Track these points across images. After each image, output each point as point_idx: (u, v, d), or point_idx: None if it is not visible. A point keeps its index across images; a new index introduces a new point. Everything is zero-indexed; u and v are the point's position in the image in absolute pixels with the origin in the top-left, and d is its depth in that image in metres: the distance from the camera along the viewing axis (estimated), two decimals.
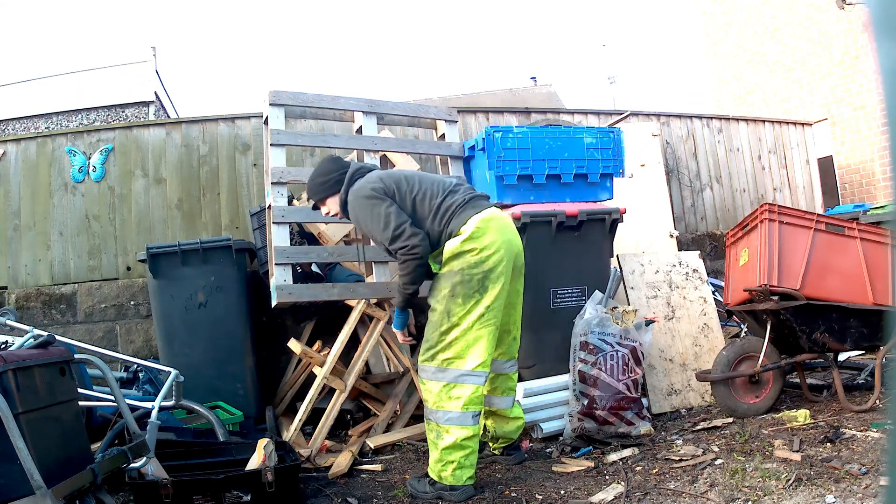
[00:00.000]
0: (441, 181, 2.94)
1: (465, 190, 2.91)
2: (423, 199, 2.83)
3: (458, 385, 2.70)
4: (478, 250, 2.71)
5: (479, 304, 2.70)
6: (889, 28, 0.65)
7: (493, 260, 2.72)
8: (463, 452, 2.69)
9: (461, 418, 2.69)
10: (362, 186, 2.85)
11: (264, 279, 4.20)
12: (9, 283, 4.70)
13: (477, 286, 2.70)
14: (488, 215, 2.79)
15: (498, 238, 2.75)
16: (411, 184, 2.86)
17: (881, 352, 3.50)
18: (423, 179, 2.91)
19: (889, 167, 0.85)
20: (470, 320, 2.70)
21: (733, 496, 2.46)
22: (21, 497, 1.87)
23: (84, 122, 11.27)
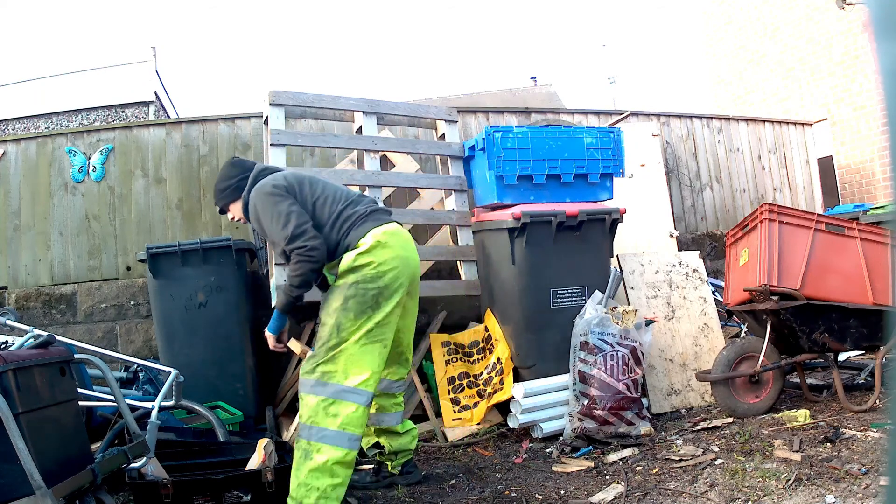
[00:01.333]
0: (345, 191, 2.83)
1: (368, 202, 2.80)
2: (324, 205, 2.70)
3: (337, 402, 2.45)
4: (375, 265, 2.58)
5: (371, 319, 2.55)
6: (889, 28, 0.65)
7: (389, 276, 2.60)
8: (331, 481, 2.40)
9: (336, 438, 2.43)
10: (264, 184, 2.70)
11: (264, 279, 4.20)
12: (9, 283, 4.69)
13: (371, 302, 2.56)
14: (388, 230, 2.68)
15: (396, 254, 2.64)
16: (314, 187, 2.75)
17: (881, 352, 3.50)
18: (327, 186, 2.80)
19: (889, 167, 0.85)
20: (358, 336, 2.53)
21: (733, 496, 2.46)
22: (21, 497, 1.87)
23: (84, 122, 11.27)
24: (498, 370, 3.76)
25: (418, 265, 2.80)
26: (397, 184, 4.38)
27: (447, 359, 4.01)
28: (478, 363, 4.00)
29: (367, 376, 2.51)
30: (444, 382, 3.90)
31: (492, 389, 3.73)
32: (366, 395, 2.50)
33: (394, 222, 2.77)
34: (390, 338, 2.65)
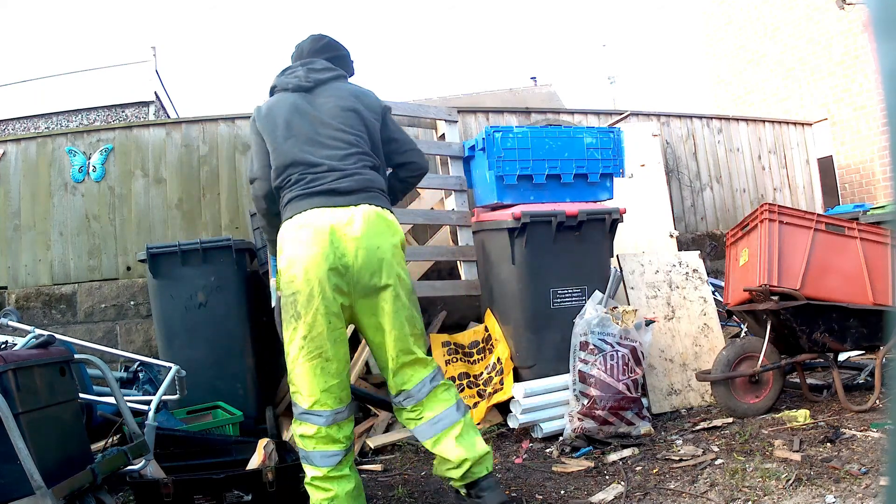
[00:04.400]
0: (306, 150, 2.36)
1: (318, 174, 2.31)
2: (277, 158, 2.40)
3: (302, 423, 2.28)
4: (287, 264, 2.27)
5: (296, 332, 2.25)
6: (889, 28, 0.65)
7: (300, 279, 2.22)
8: (323, 495, 2.26)
9: (310, 457, 2.27)
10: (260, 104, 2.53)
11: (264, 279, 4.20)
12: (9, 283, 4.70)
13: (292, 310, 2.26)
14: (305, 219, 2.26)
15: (305, 251, 2.21)
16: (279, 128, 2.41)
17: (881, 352, 3.50)
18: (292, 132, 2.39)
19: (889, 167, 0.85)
20: (294, 351, 2.27)
21: (733, 496, 2.46)
22: (21, 497, 1.87)
23: (84, 122, 11.28)
24: (498, 370, 3.76)
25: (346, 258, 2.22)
26: None
27: (447, 359, 4.01)
28: (478, 363, 4.00)
29: (315, 399, 2.23)
30: None
31: (492, 389, 3.73)
32: (322, 416, 2.24)
33: (322, 207, 2.26)
34: (332, 351, 2.24)
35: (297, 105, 2.44)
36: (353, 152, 2.37)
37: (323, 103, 2.45)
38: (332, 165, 2.32)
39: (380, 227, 2.29)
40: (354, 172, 2.33)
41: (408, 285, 2.37)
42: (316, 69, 2.53)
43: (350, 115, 2.43)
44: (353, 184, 2.31)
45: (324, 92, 2.49)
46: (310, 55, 2.62)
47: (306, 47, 2.65)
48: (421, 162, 2.67)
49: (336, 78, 2.55)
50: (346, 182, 2.30)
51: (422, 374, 2.38)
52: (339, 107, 2.44)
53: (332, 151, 2.35)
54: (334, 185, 2.29)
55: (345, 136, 2.39)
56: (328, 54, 2.63)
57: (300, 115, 2.42)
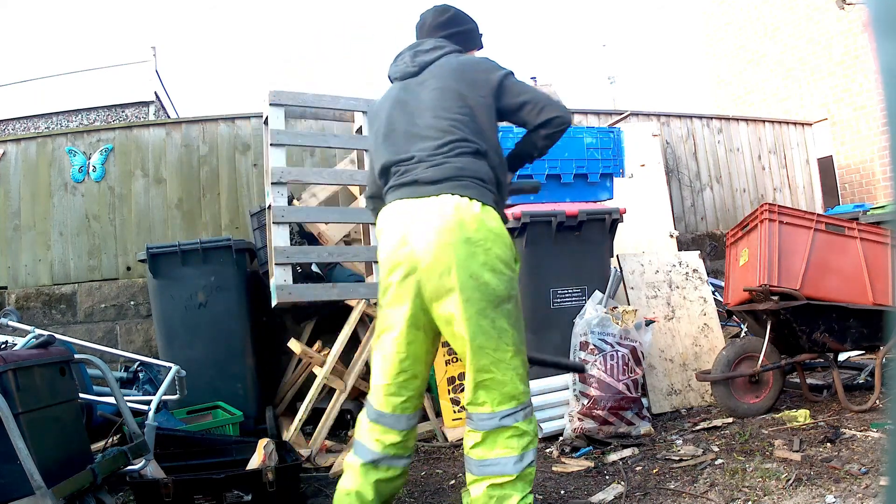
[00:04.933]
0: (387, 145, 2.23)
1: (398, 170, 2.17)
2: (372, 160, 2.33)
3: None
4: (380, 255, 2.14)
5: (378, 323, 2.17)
6: (889, 28, 0.65)
7: (382, 270, 2.12)
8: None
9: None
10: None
11: (264, 279, 4.20)
12: (9, 283, 4.70)
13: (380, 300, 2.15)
14: (386, 212, 2.16)
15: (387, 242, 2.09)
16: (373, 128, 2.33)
17: (881, 352, 3.50)
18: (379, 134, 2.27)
19: (889, 167, 0.85)
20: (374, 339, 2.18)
21: (733, 496, 2.46)
22: (21, 497, 1.87)
23: (84, 122, 11.28)
24: None
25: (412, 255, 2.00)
26: None
27: (447, 359, 4.01)
28: None
29: (372, 387, 2.17)
30: (444, 382, 3.90)
31: None
32: (368, 407, 2.21)
33: (394, 201, 2.12)
34: (391, 351, 2.09)
35: (398, 98, 2.26)
36: (447, 140, 2.10)
37: (423, 89, 2.21)
38: (422, 157, 2.10)
39: (457, 220, 1.97)
40: (443, 161, 2.07)
41: (491, 291, 1.97)
42: (423, 50, 2.29)
43: (448, 98, 2.16)
44: (437, 173, 2.05)
45: (428, 75, 2.24)
46: (430, 31, 2.37)
47: (428, 21, 2.39)
48: (562, 115, 2.23)
49: (444, 55, 2.27)
50: (430, 171, 2.06)
51: (497, 404, 2.02)
52: (439, 89, 2.18)
53: (426, 143, 2.12)
54: (418, 176, 2.07)
55: (439, 124, 2.13)
56: (451, 29, 2.37)
57: (400, 108, 2.23)
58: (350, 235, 4.53)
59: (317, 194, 4.56)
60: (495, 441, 2.02)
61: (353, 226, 4.47)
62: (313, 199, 4.53)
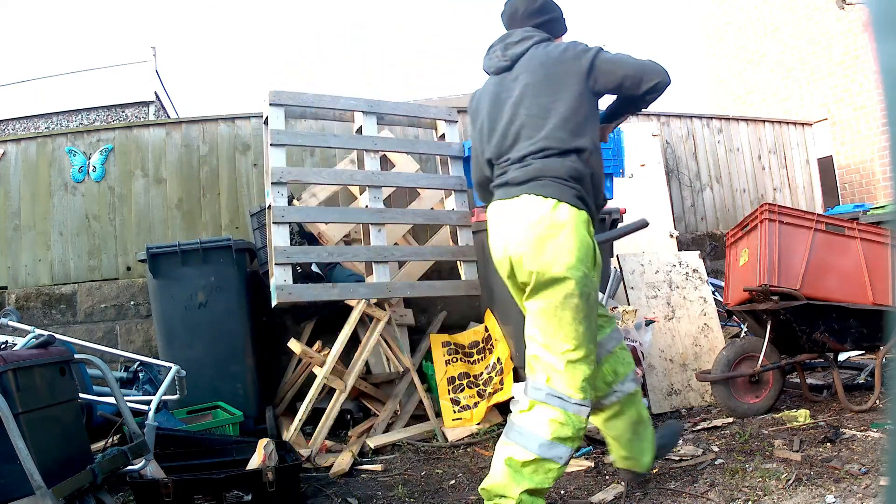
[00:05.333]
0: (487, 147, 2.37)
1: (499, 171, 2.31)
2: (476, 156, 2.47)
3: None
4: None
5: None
6: (889, 28, 0.65)
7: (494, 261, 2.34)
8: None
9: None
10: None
11: (264, 279, 4.20)
12: (9, 283, 4.70)
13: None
14: (488, 212, 2.37)
15: (490, 245, 2.33)
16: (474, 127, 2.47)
17: (881, 352, 3.50)
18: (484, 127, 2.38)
19: (889, 167, 0.85)
20: None
21: (733, 496, 2.46)
22: (21, 497, 1.87)
23: (84, 122, 11.28)
24: (498, 370, 3.76)
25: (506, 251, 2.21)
26: (397, 184, 4.38)
27: (447, 359, 4.01)
28: (478, 363, 4.00)
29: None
30: (444, 382, 3.90)
31: (492, 389, 3.73)
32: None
33: (498, 200, 2.27)
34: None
35: (495, 94, 2.34)
36: (536, 140, 2.19)
37: (516, 85, 2.28)
38: (515, 158, 2.23)
39: (532, 219, 2.12)
40: (530, 162, 2.18)
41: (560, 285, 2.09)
42: (513, 42, 2.34)
43: (540, 93, 2.23)
44: (522, 175, 2.18)
45: (519, 68, 2.30)
46: (523, 20, 2.40)
47: (520, 10, 2.41)
48: (662, 80, 2.25)
49: (533, 45, 2.30)
50: (517, 173, 2.20)
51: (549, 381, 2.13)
52: (530, 85, 2.24)
53: (519, 144, 2.23)
54: (509, 177, 2.23)
55: (531, 122, 2.22)
56: (542, 17, 2.40)
57: (498, 105, 2.31)
58: (350, 235, 4.53)
59: (317, 194, 4.56)
60: (537, 414, 2.11)
61: (353, 226, 4.47)
62: (313, 199, 4.53)
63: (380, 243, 4.01)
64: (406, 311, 4.52)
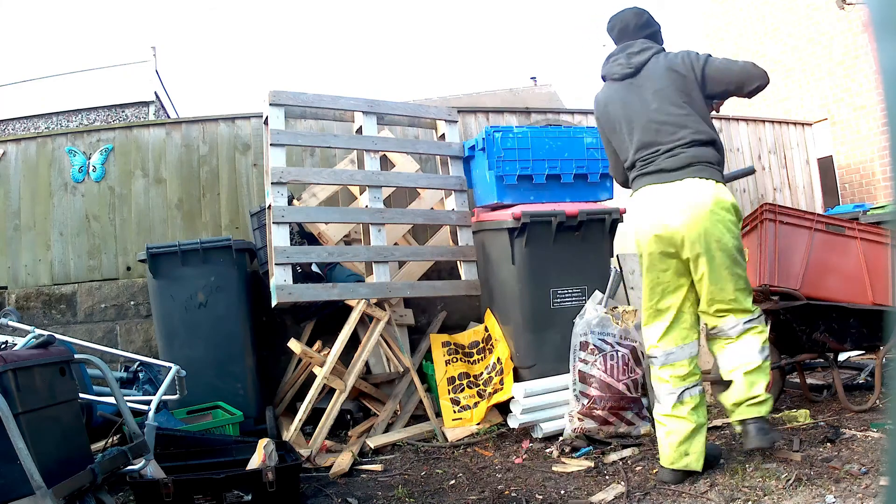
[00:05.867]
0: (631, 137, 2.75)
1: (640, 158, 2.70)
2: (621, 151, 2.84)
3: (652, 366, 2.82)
4: (633, 232, 2.77)
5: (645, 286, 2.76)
6: (889, 28, 0.65)
7: (639, 243, 2.73)
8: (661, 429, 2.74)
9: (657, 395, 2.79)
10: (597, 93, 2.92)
11: (264, 279, 4.21)
12: (9, 283, 4.69)
13: (642, 269, 2.77)
14: (637, 196, 2.74)
15: (640, 220, 2.70)
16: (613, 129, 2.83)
17: (881, 352, 3.50)
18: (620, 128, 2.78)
19: (889, 167, 0.86)
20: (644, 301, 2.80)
21: (733, 496, 2.46)
22: (21, 497, 1.87)
23: (84, 122, 11.28)
24: (498, 370, 3.76)
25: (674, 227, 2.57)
26: (397, 184, 4.38)
27: (447, 359, 4.01)
28: (478, 363, 4.00)
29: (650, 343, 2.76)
30: (444, 382, 3.90)
31: (492, 389, 3.73)
32: (657, 357, 2.72)
33: (644, 187, 2.68)
34: (663, 302, 2.70)
35: (626, 97, 2.74)
36: (680, 134, 2.61)
37: (650, 87, 2.68)
38: (662, 149, 2.63)
39: (700, 197, 2.55)
40: (680, 152, 2.60)
41: (728, 247, 2.56)
42: (635, 52, 2.74)
43: (672, 94, 2.64)
44: (677, 162, 2.60)
45: (646, 74, 2.70)
46: (634, 32, 2.80)
47: (631, 24, 2.81)
48: (762, 82, 2.65)
49: (653, 55, 2.72)
50: (671, 161, 2.61)
51: (738, 317, 2.66)
52: (661, 89, 2.65)
53: (664, 137, 2.63)
54: (662, 165, 2.62)
55: (671, 119, 2.63)
56: (649, 30, 2.82)
57: (631, 107, 2.72)
58: (350, 235, 4.53)
59: (317, 194, 4.56)
60: (742, 338, 2.65)
61: (353, 226, 4.47)
62: (313, 199, 4.53)
63: (380, 243, 4.01)
64: (406, 311, 4.52)
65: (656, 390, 2.75)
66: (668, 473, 2.68)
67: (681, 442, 2.64)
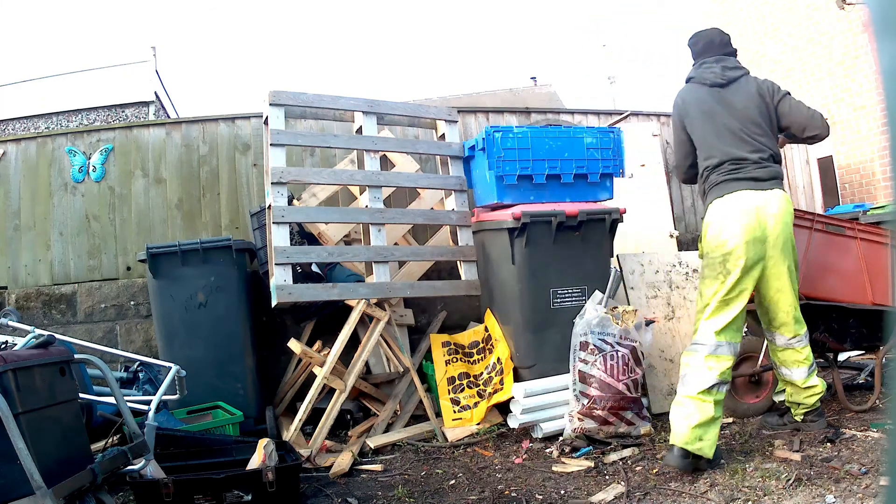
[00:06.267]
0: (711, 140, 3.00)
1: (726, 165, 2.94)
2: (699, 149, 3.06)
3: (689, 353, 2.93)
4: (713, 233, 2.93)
5: (722, 284, 2.88)
6: (889, 28, 0.65)
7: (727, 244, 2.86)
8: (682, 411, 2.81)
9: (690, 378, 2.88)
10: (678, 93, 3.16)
11: (264, 279, 4.20)
12: (9, 283, 4.69)
13: (720, 267, 2.89)
14: (723, 202, 2.92)
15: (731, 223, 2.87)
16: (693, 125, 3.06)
17: (881, 352, 3.50)
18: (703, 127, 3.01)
19: (889, 167, 0.86)
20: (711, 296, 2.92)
21: (733, 496, 2.46)
22: (21, 497, 1.87)
23: (84, 122, 11.28)
24: (498, 370, 3.76)
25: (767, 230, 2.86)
26: (397, 184, 4.38)
27: (447, 359, 4.01)
28: (478, 363, 4.00)
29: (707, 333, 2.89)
30: (444, 382, 3.90)
31: (492, 389, 3.73)
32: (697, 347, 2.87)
33: (739, 191, 2.89)
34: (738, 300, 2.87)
35: (714, 104, 3.00)
36: (766, 150, 2.96)
37: (738, 101, 2.98)
38: (752, 160, 2.92)
39: (786, 208, 2.92)
40: (767, 165, 2.94)
41: (794, 252, 2.97)
42: (729, 67, 3.06)
43: (758, 114, 2.97)
44: (766, 174, 2.92)
45: (736, 89, 3.01)
46: (719, 48, 3.12)
47: (716, 40, 3.14)
48: (821, 133, 3.04)
49: (743, 75, 3.05)
50: (761, 172, 2.91)
51: (803, 327, 3.04)
52: (751, 107, 2.98)
53: (752, 149, 2.93)
54: (754, 174, 2.91)
55: (757, 134, 2.96)
56: (730, 48, 3.15)
57: (719, 114, 2.98)
58: (350, 235, 4.53)
59: (317, 194, 4.56)
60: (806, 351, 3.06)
61: (353, 226, 4.47)
62: (313, 199, 4.53)
63: (380, 243, 4.01)
64: (406, 311, 4.52)
65: (688, 375, 2.84)
66: (678, 452, 2.72)
67: (699, 425, 2.72)
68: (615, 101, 18.52)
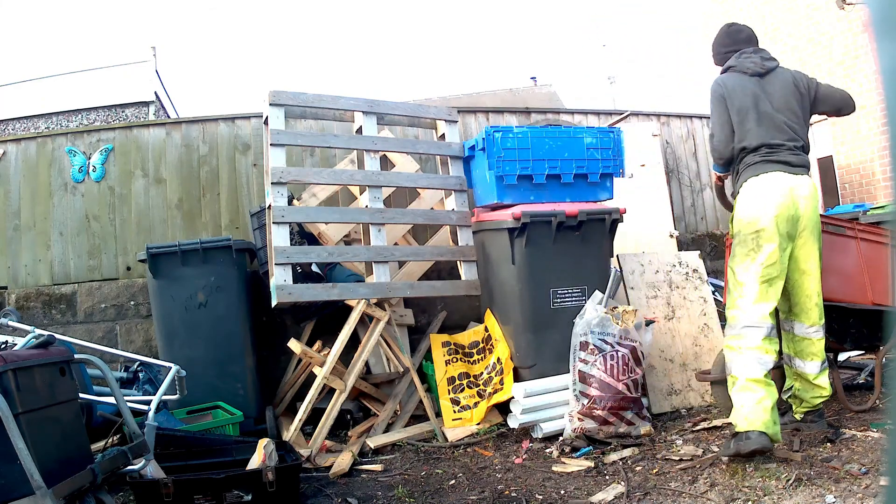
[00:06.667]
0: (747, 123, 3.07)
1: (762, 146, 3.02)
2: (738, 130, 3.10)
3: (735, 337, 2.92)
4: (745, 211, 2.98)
5: (754, 261, 2.91)
6: (889, 28, 0.65)
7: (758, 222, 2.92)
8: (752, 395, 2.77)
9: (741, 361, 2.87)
10: (715, 80, 3.23)
11: (264, 279, 4.21)
12: (9, 283, 4.69)
13: (752, 244, 2.94)
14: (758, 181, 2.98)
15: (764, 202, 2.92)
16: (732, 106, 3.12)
17: (881, 352, 3.50)
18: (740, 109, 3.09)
19: (889, 167, 0.86)
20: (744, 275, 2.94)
21: (733, 496, 2.46)
22: (21, 497, 1.87)
23: (84, 122, 11.28)
24: (498, 370, 3.76)
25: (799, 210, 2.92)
26: (397, 184, 4.38)
27: (447, 359, 4.01)
28: (478, 363, 4.00)
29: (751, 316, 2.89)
30: (444, 382, 3.90)
31: (492, 389, 3.73)
32: (763, 328, 2.85)
33: (774, 171, 2.96)
34: (778, 279, 2.91)
35: (756, 90, 3.10)
36: (799, 138, 3.07)
37: (776, 91, 3.10)
38: (787, 147, 3.02)
39: (816, 194, 3.05)
40: (799, 152, 3.06)
41: (821, 244, 3.06)
42: (767, 58, 3.20)
43: (795, 104, 3.10)
44: (798, 160, 3.03)
45: (773, 79, 3.13)
46: (754, 41, 3.30)
47: (752, 34, 3.33)
48: (852, 110, 3.23)
49: (779, 66, 3.20)
50: (794, 157, 3.02)
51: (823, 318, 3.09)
52: (787, 96, 3.09)
53: (788, 135, 3.04)
54: (788, 159, 3.01)
55: (794, 122, 3.07)
56: (758, 43, 3.32)
57: (762, 99, 3.08)
58: (350, 235, 4.53)
59: (317, 194, 4.56)
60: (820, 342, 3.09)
61: (353, 226, 4.47)
62: (313, 199, 4.53)
63: (380, 243, 4.01)
64: (406, 311, 4.52)
65: (745, 359, 2.83)
66: (759, 436, 2.68)
67: (773, 408, 2.75)
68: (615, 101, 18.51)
